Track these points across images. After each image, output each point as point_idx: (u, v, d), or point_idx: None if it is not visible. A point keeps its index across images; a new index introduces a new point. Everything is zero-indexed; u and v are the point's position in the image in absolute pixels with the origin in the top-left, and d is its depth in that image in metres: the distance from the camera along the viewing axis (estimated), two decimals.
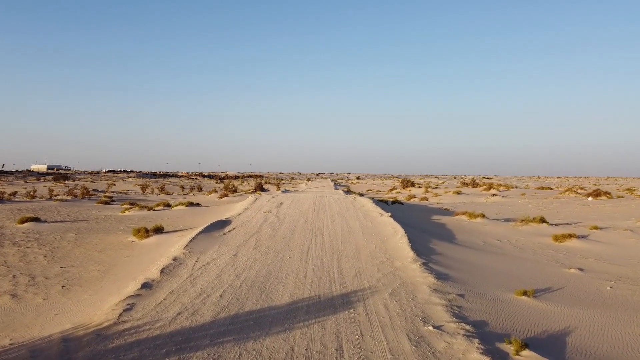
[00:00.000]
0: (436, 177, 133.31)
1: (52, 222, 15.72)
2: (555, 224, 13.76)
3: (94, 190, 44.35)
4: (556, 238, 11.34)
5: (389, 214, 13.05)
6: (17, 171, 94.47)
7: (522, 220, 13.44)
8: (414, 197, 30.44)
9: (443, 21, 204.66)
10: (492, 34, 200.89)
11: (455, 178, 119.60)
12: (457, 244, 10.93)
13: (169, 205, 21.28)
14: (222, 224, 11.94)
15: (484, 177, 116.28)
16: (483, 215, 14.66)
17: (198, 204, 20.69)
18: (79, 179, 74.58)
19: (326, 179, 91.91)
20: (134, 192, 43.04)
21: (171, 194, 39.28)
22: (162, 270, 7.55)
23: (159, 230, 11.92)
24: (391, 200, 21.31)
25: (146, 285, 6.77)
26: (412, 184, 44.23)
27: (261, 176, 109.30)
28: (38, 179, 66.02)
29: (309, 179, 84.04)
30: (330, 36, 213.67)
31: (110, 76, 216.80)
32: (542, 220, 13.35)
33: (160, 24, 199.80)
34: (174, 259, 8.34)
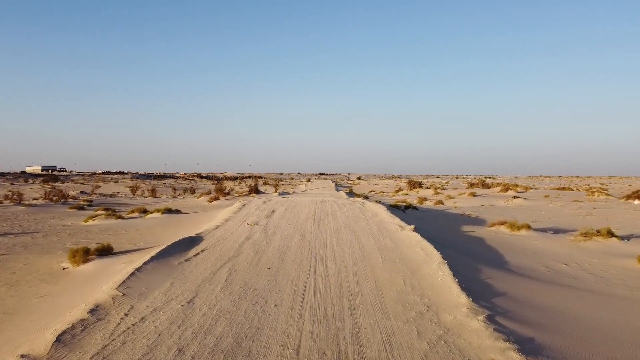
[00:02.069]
0: (438, 177, 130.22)
1: None
2: (627, 238, 10.70)
3: (81, 192, 41.42)
4: None
5: (412, 226, 10.00)
6: (8, 173, 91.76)
7: (584, 234, 10.37)
8: (426, 199, 27.37)
9: (444, 21, 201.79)
10: (492, 34, 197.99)
11: (457, 178, 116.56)
12: (513, 271, 7.87)
13: (145, 211, 18.26)
14: (189, 243, 8.87)
15: (486, 177, 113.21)
16: (528, 227, 11.59)
17: (177, 211, 17.63)
18: (72, 181, 71.76)
19: (327, 179, 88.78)
20: (124, 195, 40.06)
21: (159, 197, 36.30)
22: (58, 338, 4.50)
23: (105, 251, 8.88)
24: (404, 204, 18.24)
25: None
26: (420, 185, 41.14)
27: (260, 177, 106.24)
28: (26, 181, 63.14)
29: (309, 180, 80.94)
30: (330, 36, 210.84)
31: (109, 77, 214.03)
32: (610, 233, 10.28)
33: (159, 24, 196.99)
34: (94, 310, 5.29)
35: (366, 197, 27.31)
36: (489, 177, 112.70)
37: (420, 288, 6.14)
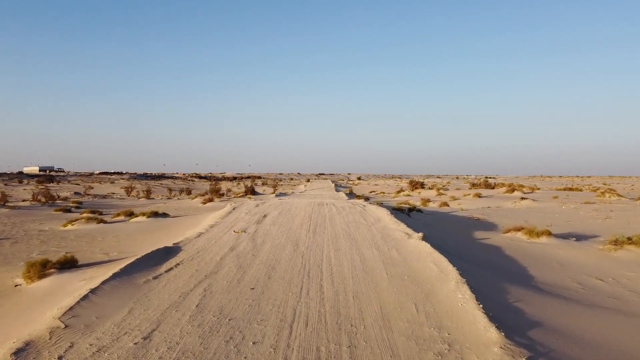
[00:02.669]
0: (438, 177, 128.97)
1: None
2: None
3: (75, 193, 40.33)
4: None
5: (420, 234, 8.82)
6: (5, 173, 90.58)
7: (614, 242, 9.20)
8: (429, 201, 26.19)
9: (444, 21, 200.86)
10: (492, 34, 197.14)
11: (457, 178, 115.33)
12: (543, 290, 6.69)
13: (132, 214, 17.09)
14: (163, 254, 7.69)
15: (487, 177, 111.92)
16: (549, 233, 10.41)
17: (165, 214, 16.46)
18: (68, 181, 70.67)
19: (326, 179, 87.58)
20: (119, 196, 38.95)
21: (153, 198, 35.15)
22: None
23: (67, 264, 7.69)
24: (408, 207, 17.07)
25: None
26: (422, 185, 39.94)
27: (259, 177, 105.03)
28: (21, 182, 62.04)
29: (308, 180, 79.73)
30: (330, 36, 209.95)
31: (109, 77, 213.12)
32: None
33: (158, 25, 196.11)
34: (21, 350, 4.12)
35: (367, 199, 26.14)
36: (490, 177, 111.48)
37: (436, 317, 4.96)
